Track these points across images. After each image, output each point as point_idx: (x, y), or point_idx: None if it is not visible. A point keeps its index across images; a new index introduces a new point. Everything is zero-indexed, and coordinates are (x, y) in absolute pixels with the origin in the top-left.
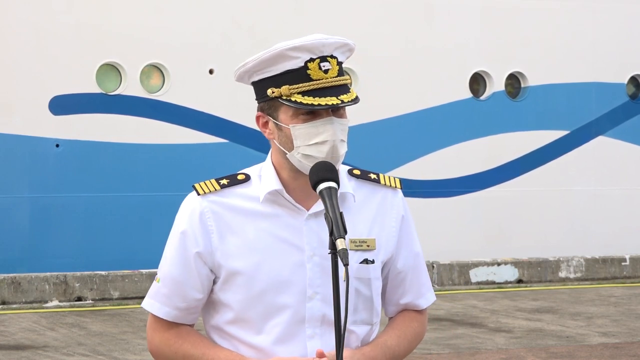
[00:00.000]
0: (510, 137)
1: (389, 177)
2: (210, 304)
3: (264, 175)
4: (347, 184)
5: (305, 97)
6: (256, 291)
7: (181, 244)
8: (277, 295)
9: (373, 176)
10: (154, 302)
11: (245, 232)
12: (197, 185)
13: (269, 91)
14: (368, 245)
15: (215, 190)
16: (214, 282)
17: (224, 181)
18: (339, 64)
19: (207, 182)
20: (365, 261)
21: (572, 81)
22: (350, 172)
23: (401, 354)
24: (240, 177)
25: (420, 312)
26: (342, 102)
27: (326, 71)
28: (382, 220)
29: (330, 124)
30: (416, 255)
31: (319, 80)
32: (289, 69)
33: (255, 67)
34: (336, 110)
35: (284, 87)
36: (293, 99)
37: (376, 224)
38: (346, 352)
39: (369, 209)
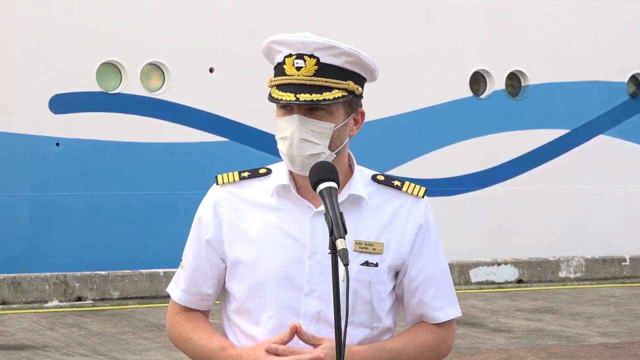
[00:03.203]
0: (511, 136)
1: (414, 186)
2: (223, 293)
3: (279, 170)
4: (362, 188)
5: (277, 91)
6: (255, 282)
7: (196, 230)
8: (274, 288)
9: (397, 183)
10: (173, 286)
11: (253, 223)
12: (218, 176)
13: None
14: (374, 249)
15: (234, 181)
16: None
17: (245, 174)
18: (320, 64)
19: (230, 173)
20: (367, 263)
21: (572, 80)
22: (374, 178)
23: None
24: (262, 170)
25: (439, 325)
26: (297, 99)
27: (299, 68)
28: (396, 227)
29: (294, 121)
30: (436, 267)
31: (290, 76)
32: (278, 62)
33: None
34: (310, 110)
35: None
36: (271, 91)
37: (388, 229)
38: (330, 344)
39: (384, 214)
